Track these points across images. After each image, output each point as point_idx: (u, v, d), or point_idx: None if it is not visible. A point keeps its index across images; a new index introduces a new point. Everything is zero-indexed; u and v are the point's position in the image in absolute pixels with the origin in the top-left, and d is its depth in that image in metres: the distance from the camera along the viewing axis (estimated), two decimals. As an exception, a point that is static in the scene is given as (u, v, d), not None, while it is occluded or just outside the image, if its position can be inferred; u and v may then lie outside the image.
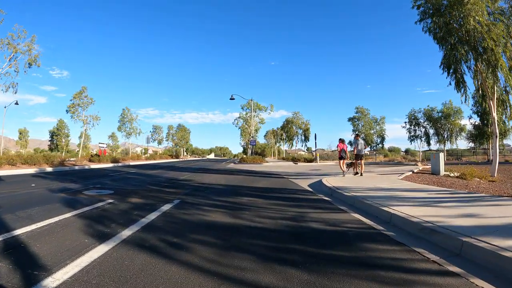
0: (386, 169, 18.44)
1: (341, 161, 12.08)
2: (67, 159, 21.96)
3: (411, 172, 13.81)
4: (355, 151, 12.00)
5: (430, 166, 14.83)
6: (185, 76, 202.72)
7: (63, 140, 66.58)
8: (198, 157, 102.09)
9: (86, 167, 20.75)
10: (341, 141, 12.29)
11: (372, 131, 35.67)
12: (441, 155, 12.92)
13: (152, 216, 4.62)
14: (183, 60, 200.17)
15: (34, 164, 17.44)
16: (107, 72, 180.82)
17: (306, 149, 50.11)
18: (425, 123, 33.96)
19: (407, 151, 75.26)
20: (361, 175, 11.69)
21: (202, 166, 24.25)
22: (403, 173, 12.85)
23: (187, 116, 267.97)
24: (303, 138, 42.95)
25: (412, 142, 36.10)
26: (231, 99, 35.00)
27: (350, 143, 36.18)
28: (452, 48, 11.21)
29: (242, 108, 43.96)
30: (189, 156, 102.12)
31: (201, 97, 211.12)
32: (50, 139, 69.31)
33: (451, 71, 11.58)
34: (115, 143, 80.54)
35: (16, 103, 33.11)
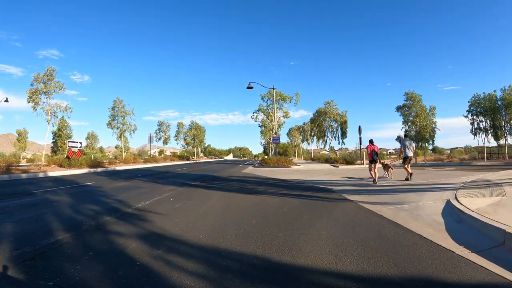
0: (500, 175, 11.16)
1: (372, 165, 10.24)
2: (16, 164, 16.12)
3: None
4: (402, 153, 11.22)
5: None
6: (205, 78, 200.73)
7: (65, 142, 62.10)
8: (215, 158, 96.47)
9: (41, 175, 14.82)
10: (371, 142, 10.90)
11: (428, 123, 27.16)
12: None
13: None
14: (203, 61, 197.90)
15: None
16: (129, 76, 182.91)
17: (329, 149, 42.37)
18: (489, 112, 25.88)
19: (434, 149, 67.02)
20: (410, 178, 10.30)
21: (207, 173, 17.85)
22: None
23: (207, 117, 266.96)
24: (339, 133, 34.66)
25: (476, 136, 27.90)
26: (248, 87, 28.42)
27: (400, 139, 28.54)
28: None
29: (262, 98, 37.12)
30: (204, 157, 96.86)
31: (221, 98, 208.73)
32: (53, 140, 65.56)
33: None
34: (125, 143, 74.91)
35: (6, 101, 28.29)
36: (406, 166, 10.73)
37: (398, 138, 29.48)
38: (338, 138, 33.40)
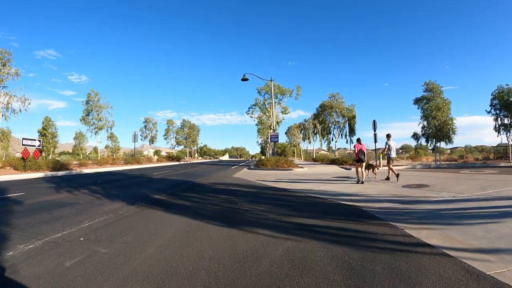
0: None
1: (359, 164, 10.26)
2: None
3: None
4: (385, 152, 11.40)
5: None
6: (203, 78, 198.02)
7: (50, 142, 58.29)
8: (210, 158, 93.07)
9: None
10: (358, 141, 10.83)
11: (449, 117, 22.50)
12: None
13: None
14: (201, 62, 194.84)
15: None
16: (126, 76, 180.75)
17: (328, 148, 38.70)
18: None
19: (433, 149, 64.08)
20: (389, 179, 10.69)
21: (189, 178, 14.63)
22: None
23: (204, 118, 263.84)
24: (346, 130, 30.36)
25: (500, 133, 24.61)
26: (243, 79, 25.23)
27: (416, 136, 25.31)
28: None
29: (259, 92, 33.55)
30: (199, 158, 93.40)
31: (219, 99, 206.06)
32: (39, 140, 61.83)
33: None
34: (114, 144, 70.79)
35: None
36: (389, 166, 11.05)
37: (414, 135, 26.17)
38: (346, 135, 29.89)
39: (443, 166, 19.07)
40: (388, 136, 11.59)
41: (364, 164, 10.31)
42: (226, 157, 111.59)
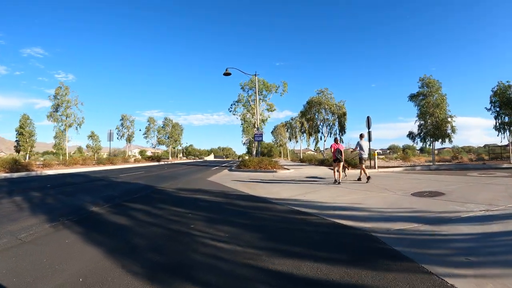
0: None
1: (336, 164, 10.27)
2: None
3: None
4: (356, 150, 11.65)
5: None
6: (190, 78, 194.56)
7: (27, 141, 54.59)
8: (194, 159, 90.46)
9: None
10: (335, 141, 10.84)
11: (448, 115, 21.78)
12: None
13: None
14: (189, 61, 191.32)
15: None
16: (113, 76, 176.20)
17: (315, 149, 36.96)
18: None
19: (422, 150, 63.59)
20: (360, 180, 10.64)
21: (153, 183, 12.61)
22: None
23: (192, 118, 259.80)
24: (336, 128, 27.83)
25: (500, 133, 23.36)
26: (225, 74, 23.28)
27: (411, 135, 23.62)
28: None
29: (242, 88, 31.46)
30: (183, 158, 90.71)
31: (206, 98, 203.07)
32: (16, 139, 57.88)
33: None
34: (96, 143, 67.30)
35: None
36: (361, 166, 10.87)
37: (410, 134, 24.49)
38: (336, 134, 27.78)
39: (444, 168, 17.57)
40: (361, 136, 11.58)
41: (341, 164, 10.49)
42: (211, 157, 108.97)
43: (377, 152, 18.06)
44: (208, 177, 14.73)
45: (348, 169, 12.19)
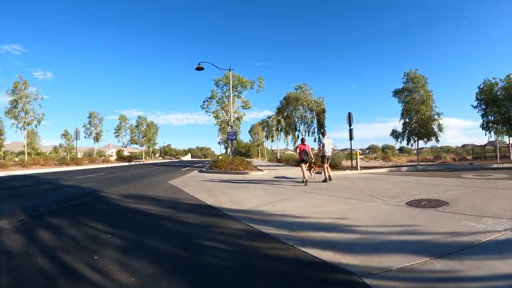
0: None
1: (302, 165, 10.21)
2: None
3: None
4: (320, 152, 10.88)
5: None
6: (169, 77, 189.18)
7: None
8: (171, 159, 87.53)
9: None
10: (302, 141, 10.97)
11: (435, 112, 20.77)
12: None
13: None
14: (168, 61, 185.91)
15: None
16: (92, 74, 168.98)
17: (294, 148, 35.61)
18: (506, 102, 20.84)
19: (401, 149, 64.34)
20: (328, 180, 10.33)
21: (100, 187, 10.95)
22: None
23: (171, 117, 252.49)
24: (315, 126, 26.01)
25: (488, 131, 22.50)
26: (197, 68, 21.47)
27: (395, 133, 22.46)
28: None
29: (216, 83, 29.42)
30: (160, 158, 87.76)
31: (186, 98, 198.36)
32: None
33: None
34: (69, 143, 62.51)
35: None
36: (324, 166, 10.62)
37: (394, 133, 23.28)
38: (314, 132, 26.48)
39: (432, 169, 16.53)
40: (323, 133, 11.79)
41: (307, 164, 10.61)
42: (188, 157, 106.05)
43: (358, 152, 16.80)
44: (171, 180, 12.98)
45: (315, 169, 12.13)
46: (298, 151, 10.79)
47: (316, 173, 12.43)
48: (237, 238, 3.87)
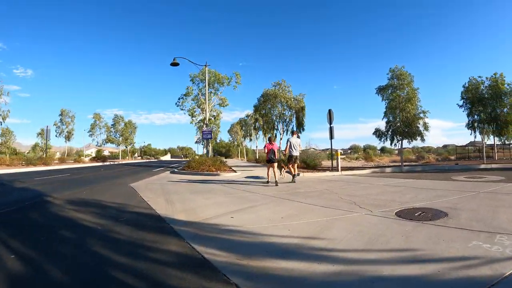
0: None
1: (270, 165, 10.04)
2: None
3: None
4: (286, 150, 10.63)
5: None
6: (151, 76, 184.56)
7: None
8: (150, 158, 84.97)
9: None
10: (269, 140, 10.64)
11: (421, 110, 19.53)
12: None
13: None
14: (150, 60, 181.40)
15: None
16: (73, 72, 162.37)
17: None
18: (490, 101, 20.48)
19: (382, 149, 64.86)
20: (296, 176, 10.44)
21: (50, 191, 9.82)
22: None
23: (154, 117, 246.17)
24: (293, 124, 24.81)
25: (474, 131, 22.05)
26: (172, 64, 20.08)
27: (378, 132, 21.59)
28: None
29: (192, 80, 27.76)
30: (138, 158, 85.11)
31: (168, 97, 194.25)
32: None
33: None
34: (44, 142, 59.05)
35: None
36: (290, 165, 10.52)
37: (377, 132, 22.27)
38: (295, 130, 24.90)
39: (418, 170, 15.80)
40: (293, 132, 11.57)
41: (275, 164, 10.19)
42: (168, 157, 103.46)
43: (339, 152, 15.92)
44: (135, 182, 11.67)
45: (285, 168, 11.89)
46: (265, 151, 10.56)
47: (286, 172, 11.96)
48: (165, 269, 2.69)
